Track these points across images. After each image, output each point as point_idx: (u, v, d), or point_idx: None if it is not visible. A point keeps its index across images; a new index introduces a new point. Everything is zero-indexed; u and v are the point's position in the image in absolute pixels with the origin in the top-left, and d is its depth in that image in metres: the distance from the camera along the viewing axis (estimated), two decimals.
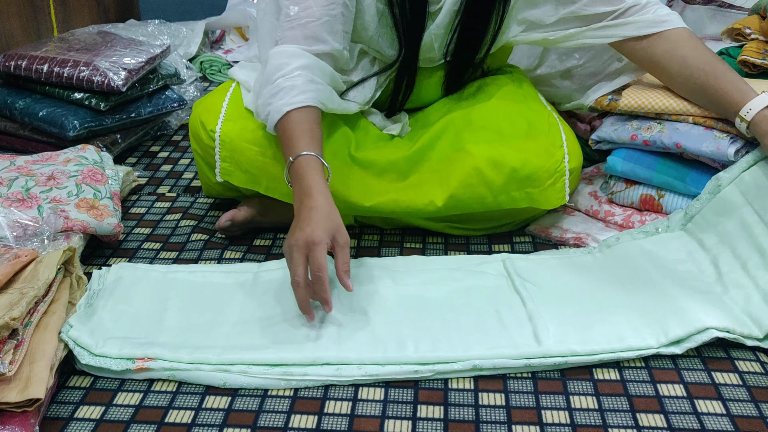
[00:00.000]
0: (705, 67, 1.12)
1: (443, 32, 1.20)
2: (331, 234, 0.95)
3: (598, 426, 0.84)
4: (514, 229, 1.26)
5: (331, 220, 0.97)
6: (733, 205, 1.09)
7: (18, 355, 0.86)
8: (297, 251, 0.94)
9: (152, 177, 1.52)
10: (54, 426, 0.86)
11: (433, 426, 0.85)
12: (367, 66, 1.24)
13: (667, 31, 1.16)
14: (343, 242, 0.96)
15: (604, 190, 1.29)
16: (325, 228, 0.95)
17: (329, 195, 1.00)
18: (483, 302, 1.04)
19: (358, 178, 1.15)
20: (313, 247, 0.93)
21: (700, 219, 1.13)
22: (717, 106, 1.12)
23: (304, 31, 1.11)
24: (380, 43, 1.20)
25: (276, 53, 1.10)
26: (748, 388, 0.90)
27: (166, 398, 0.90)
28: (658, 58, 1.17)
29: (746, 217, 1.07)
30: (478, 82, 1.31)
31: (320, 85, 1.09)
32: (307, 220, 0.95)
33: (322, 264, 0.93)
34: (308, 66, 1.09)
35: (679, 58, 1.14)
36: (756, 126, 1.06)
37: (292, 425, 0.85)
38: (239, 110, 1.19)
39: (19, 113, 1.57)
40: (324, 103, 1.10)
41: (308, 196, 0.98)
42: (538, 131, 1.17)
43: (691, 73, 1.13)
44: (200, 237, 1.26)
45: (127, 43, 1.71)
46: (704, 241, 1.11)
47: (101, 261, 1.19)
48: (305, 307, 0.96)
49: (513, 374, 0.93)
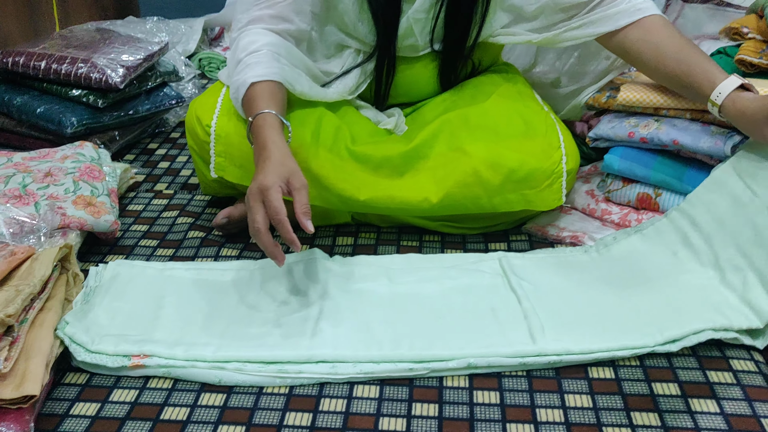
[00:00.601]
0: (677, 55, 1.12)
1: (424, 17, 1.20)
2: (284, 178, 0.97)
3: (593, 424, 0.85)
4: (511, 228, 1.26)
5: (285, 166, 0.98)
6: (725, 182, 1.08)
7: (13, 351, 0.86)
8: (252, 199, 0.96)
9: (150, 174, 1.52)
10: (49, 422, 0.86)
11: (427, 424, 0.85)
12: (351, 58, 1.25)
13: (642, 18, 1.16)
14: (299, 185, 0.97)
15: (601, 188, 1.29)
16: (277, 173, 0.97)
17: (285, 148, 1.02)
18: (478, 300, 1.04)
19: (353, 172, 1.16)
20: (266, 192, 0.95)
21: (693, 197, 1.12)
22: (691, 93, 1.12)
23: (271, 11, 1.15)
24: (360, 29, 1.21)
25: (244, 34, 1.14)
26: (743, 387, 0.90)
27: (161, 395, 0.90)
28: (631, 45, 1.16)
29: (739, 194, 1.06)
30: (475, 80, 1.31)
31: (285, 65, 1.12)
32: (260, 170, 0.98)
33: (277, 207, 0.94)
34: (274, 44, 1.13)
35: (652, 45, 1.14)
36: (726, 110, 1.06)
37: (287, 423, 0.85)
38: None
39: (16, 110, 1.57)
40: (290, 82, 1.12)
41: (264, 149, 1.01)
42: (535, 131, 1.17)
43: (664, 60, 1.13)
44: (197, 234, 1.26)
45: (126, 40, 1.71)
46: (696, 218, 1.09)
47: (98, 258, 1.19)
48: (272, 252, 0.96)
49: (508, 372, 0.93)
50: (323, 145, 1.15)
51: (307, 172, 1.14)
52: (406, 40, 1.23)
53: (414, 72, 1.28)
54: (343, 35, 1.24)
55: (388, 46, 1.22)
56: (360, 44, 1.24)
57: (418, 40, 1.23)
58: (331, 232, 1.27)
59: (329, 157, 1.15)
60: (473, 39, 1.24)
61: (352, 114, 1.25)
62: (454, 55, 1.26)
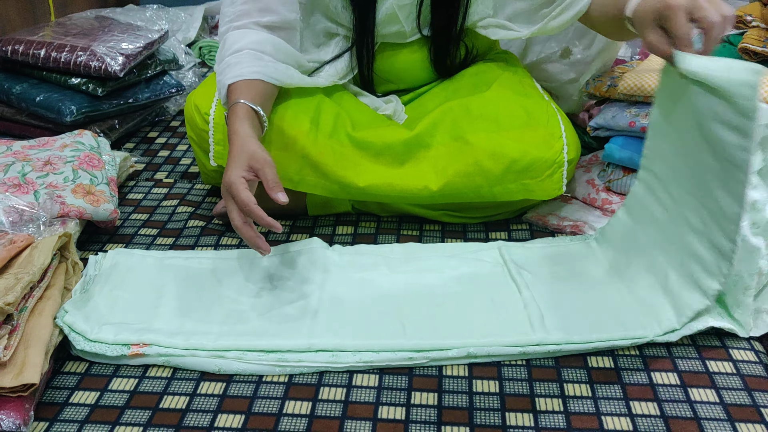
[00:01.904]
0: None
1: (409, 2, 1.20)
2: (246, 165, 0.99)
3: (592, 413, 0.85)
4: (511, 217, 1.26)
5: (244, 152, 1.00)
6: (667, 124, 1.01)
7: (13, 340, 0.86)
8: (225, 198, 1.00)
9: (150, 163, 1.52)
10: (49, 411, 0.86)
11: (427, 413, 0.85)
12: (341, 44, 1.25)
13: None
14: (261, 164, 0.99)
15: (602, 178, 1.28)
16: (238, 164, 0.99)
17: (246, 132, 1.03)
18: (478, 290, 1.04)
19: (353, 158, 1.15)
20: (231, 189, 0.97)
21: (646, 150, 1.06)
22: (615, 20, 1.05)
23: (257, 4, 1.15)
24: (344, 16, 1.21)
25: (230, 33, 1.15)
26: (742, 377, 0.90)
27: (161, 384, 0.90)
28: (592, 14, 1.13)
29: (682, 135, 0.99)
30: (474, 68, 1.30)
31: (269, 62, 1.12)
32: (227, 165, 1.00)
33: (244, 199, 0.96)
34: (258, 42, 1.13)
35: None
36: (636, 20, 0.97)
37: (287, 411, 0.86)
38: None
39: (16, 98, 1.57)
40: (275, 77, 1.12)
41: (230, 142, 1.03)
42: (537, 121, 1.17)
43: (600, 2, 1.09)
44: (197, 223, 1.26)
45: (125, 28, 1.70)
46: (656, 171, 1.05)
47: (97, 247, 1.19)
48: (255, 243, 0.98)
49: (507, 362, 0.93)
50: (323, 132, 1.15)
51: (307, 158, 1.14)
52: (390, 27, 1.22)
53: (405, 58, 1.27)
54: (330, 23, 1.24)
55: (365, 32, 1.22)
56: (347, 31, 1.24)
57: (405, 27, 1.22)
58: (331, 221, 1.27)
59: (329, 144, 1.14)
60: (460, 23, 1.23)
61: (350, 100, 1.24)
62: (444, 40, 1.25)
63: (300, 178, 1.16)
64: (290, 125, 1.13)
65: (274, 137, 1.14)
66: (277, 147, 1.14)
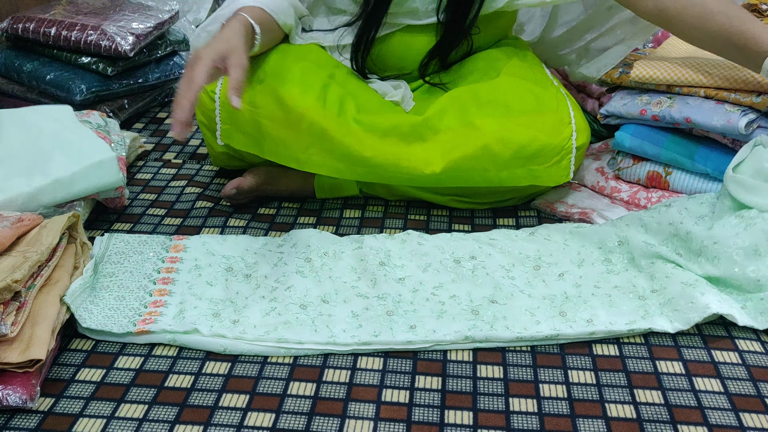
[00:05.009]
0: (728, 11, 1.06)
1: None
2: (222, 54, 0.99)
3: (595, 401, 0.85)
4: (520, 204, 1.26)
5: (228, 42, 1.01)
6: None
7: (20, 316, 0.86)
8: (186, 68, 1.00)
9: (159, 143, 1.52)
10: (55, 387, 0.87)
11: (430, 396, 0.85)
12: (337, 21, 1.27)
13: None
14: (235, 62, 0.99)
15: (611, 166, 1.28)
16: (216, 49, 0.99)
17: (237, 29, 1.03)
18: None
19: (360, 134, 1.13)
20: (195, 62, 0.98)
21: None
22: (741, 51, 1.06)
23: None
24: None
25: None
26: (748, 367, 0.90)
27: (166, 363, 0.91)
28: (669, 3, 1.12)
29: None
30: (484, 54, 1.29)
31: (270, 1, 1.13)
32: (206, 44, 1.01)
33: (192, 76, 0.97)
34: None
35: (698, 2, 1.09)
36: None
37: (291, 392, 0.86)
38: None
39: (26, 76, 1.57)
40: (276, 13, 1.13)
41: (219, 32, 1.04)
42: (546, 107, 1.16)
43: (713, 16, 1.07)
44: (205, 204, 1.26)
45: (136, 7, 1.70)
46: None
47: (106, 226, 1.20)
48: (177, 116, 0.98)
49: (512, 347, 0.93)
50: (330, 110, 1.13)
51: (313, 135, 1.13)
52: (406, 5, 1.21)
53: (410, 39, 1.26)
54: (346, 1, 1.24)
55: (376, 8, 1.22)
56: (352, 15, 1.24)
57: (419, 7, 1.21)
58: (338, 204, 1.27)
59: (338, 120, 1.13)
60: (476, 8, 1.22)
61: (357, 84, 1.23)
62: (458, 27, 1.24)
63: (306, 158, 1.15)
64: (297, 103, 1.12)
65: (281, 115, 1.13)
66: (283, 125, 1.13)
